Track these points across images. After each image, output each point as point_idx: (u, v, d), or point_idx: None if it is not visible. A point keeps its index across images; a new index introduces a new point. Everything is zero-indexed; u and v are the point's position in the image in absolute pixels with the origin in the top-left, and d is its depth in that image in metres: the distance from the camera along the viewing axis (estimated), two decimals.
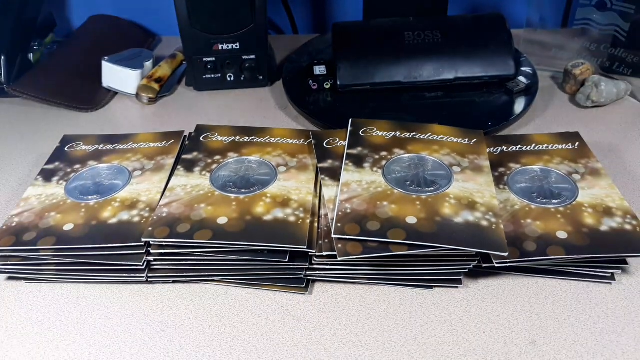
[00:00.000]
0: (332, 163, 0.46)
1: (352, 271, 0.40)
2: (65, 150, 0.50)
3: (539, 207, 0.42)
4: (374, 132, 0.49)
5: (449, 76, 0.59)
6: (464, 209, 0.40)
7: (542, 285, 0.40)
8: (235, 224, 0.40)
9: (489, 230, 0.38)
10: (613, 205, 0.41)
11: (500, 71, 0.59)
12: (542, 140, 0.49)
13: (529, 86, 0.60)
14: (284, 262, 0.39)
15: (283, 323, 0.38)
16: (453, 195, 0.41)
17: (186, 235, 0.39)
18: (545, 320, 0.37)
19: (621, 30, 0.62)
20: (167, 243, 0.39)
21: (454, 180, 0.43)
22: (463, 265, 0.39)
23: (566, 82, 0.63)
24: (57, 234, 0.40)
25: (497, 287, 0.40)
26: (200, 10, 0.59)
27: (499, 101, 0.58)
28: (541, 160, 0.47)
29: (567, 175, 0.45)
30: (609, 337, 0.36)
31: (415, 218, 0.39)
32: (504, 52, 0.60)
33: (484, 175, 0.44)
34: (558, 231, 0.39)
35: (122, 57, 0.66)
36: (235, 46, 0.63)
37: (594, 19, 0.63)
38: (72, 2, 0.82)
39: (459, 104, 0.58)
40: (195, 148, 0.49)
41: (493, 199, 0.41)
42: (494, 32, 0.60)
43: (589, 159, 0.47)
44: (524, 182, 0.44)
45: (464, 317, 0.38)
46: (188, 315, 0.39)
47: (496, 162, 0.47)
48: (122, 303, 0.40)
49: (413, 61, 0.59)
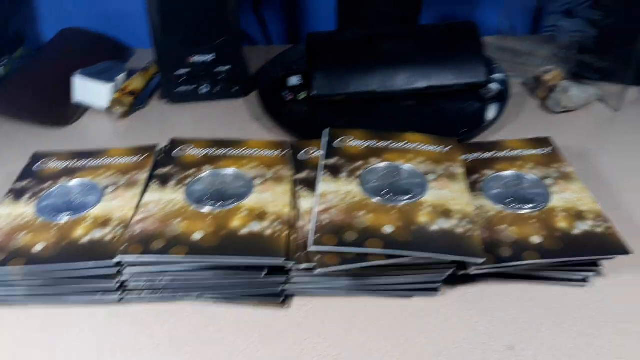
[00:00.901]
0: (308, 174, 0.46)
1: (331, 283, 0.39)
2: (35, 168, 0.49)
3: (513, 212, 0.42)
4: (350, 141, 0.49)
5: (422, 84, 0.59)
6: (440, 216, 0.40)
7: (519, 291, 0.40)
8: (210, 239, 0.39)
9: (464, 237, 0.39)
10: (585, 208, 0.42)
11: (472, 78, 0.60)
12: (515, 145, 0.50)
13: (501, 93, 0.61)
14: (261, 276, 0.38)
15: (262, 339, 0.38)
16: (428, 204, 0.42)
17: (161, 251, 0.38)
18: (523, 325, 0.38)
19: (589, 36, 0.63)
20: (141, 261, 0.39)
21: (429, 188, 0.43)
22: (440, 273, 0.39)
23: (537, 88, 0.64)
24: (28, 255, 0.39)
25: (474, 294, 0.40)
26: (173, 22, 0.59)
27: (472, 108, 0.59)
28: (514, 165, 0.47)
29: (539, 180, 0.45)
30: (585, 340, 0.37)
31: (392, 227, 0.39)
32: (476, 60, 0.60)
33: (458, 182, 0.44)
34: (532, 236, 0.40)
35: (94, 71, 0.65)
36: (209, 58, 0.62)
37: (562, 25, 0.65)
38: (42, 15, 0.81)
39: (433, 111, 0.59)
40: (169, 162, 0.48)
41: (468, 206, 0.41)
42: (465, 40, 0.61)
43: (561, 163, 0.47)
44: (497, 188, 0.45)
45: (442, 325, 0.38)
46: (164, 335, 0.38)
47: (470, 168, 0.47)
48: (95, 325, 0.39)
49: (387, 70, 0.59)
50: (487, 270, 0.38)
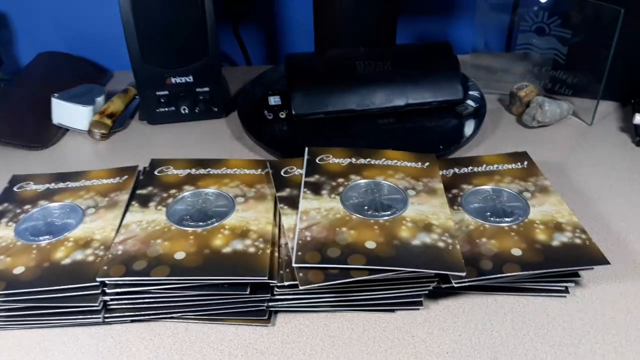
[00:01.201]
0: (290, 192, 0.46)
1: (315, 299, 0.39)
2: (14, 190, 0.49)
3: (493, 226, 0.43)
4: (330, 159, 0.49)
5: (400, 102, 0.60)
6: (421, 231, 0.41)
7: (501, 302, 0.41)
8: (193, 258, 0.39)
9: (446, 251, 0.39)
10: (563, 220, 0.43)
11: (448, 96, 0.61)
12: (492, 160, 0.51)
13: (477, 109, 0.62)
14: (245, 294, 0.38)
15: (246, 357, 0.37)
16: (409, 218, 0.42)
17: (143, 272, 0.38)
18: (506, 337, 0.38)
19: (560, 53, 0.65)
20: (124, 282, 0.38)
21: (410, 203, 0.44)
22: (423, 287, 0.39)
23: (512, 104, 0.66)
24: (7, 279, 0.39)
25: (457, 307, 0.40)
26: (151, 44, 0.59)
27: (449, 125, 0.60)
28: (492, 180, 0.48)
29: (518, 194, 0.46)
30: (567, 350, 0.37)
31: (374, 243, 0.40)
32: (452, 78, 0.62)
33: (438, 197, 0.45)
34: (512, 248, 0.40)
35: (73, 94, 0.65)
36: (188, 79, 0.63)
37: (534, 43, 0.66)
38: (19, 39, 0.81)
39: (411, 129, 0.60)
40: (150, 183, 0.48)
41: (448, 220, 0.42)
42: (441, 58, 0.62)
43: (538, 177, 0.48)
44: (477, 202, 0.46)
45: (426, 339, 0.38)
46: (148, 355, 0.38)
47: (449, 184, 0.48)
48: (78, 346, 0.38)
49: (365, 89, 0.60)
50: (469, 283, 0.39)
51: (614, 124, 0.64)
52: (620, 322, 0.39)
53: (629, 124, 0.63)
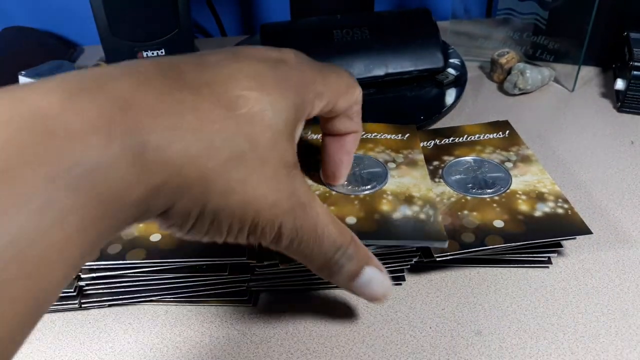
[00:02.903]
0: None
1: (296, 277, 0.39)
2: None
3: (475, 197, 0.42)
4: (309, 135, 0.48)
5: (380, 72, 0.59)
6: (402, 204, 0.40)
7: (484, 275, 0.40)
8: (169, 240, 0.38)
9: (427, 222, 0.38)
10: (545, 190, 0.42)
11: (429, 64, 0.60)
12: (474, 130, 0.50)
13: (458, 77, 0.61)
14: (224, 275, 0.37)
15: (228, 338, 0.37)
16: (390, 192, 0.41)
17: (118, 256, 0.37)
18: (489, 310, 0.38)
19: (541, 18, 0.64)
20: (98, 266, 0.37)
21: (390, 176, 0.43)
22: (404, 262, 0.39)
23: (493, 71, 0.65)
24: None
25: (439, 281, 0.40)
26: (120, 17, 0.57)
27: (430, 94, 0.59)
28: (474, 150, 0.47)
29: (499, 164, 0.46)
30: (549, 320, 0.37)
31: (354, 218, 0.39)
32: (432, 45, 0.60)
33: (418, 168, 0.44)
34: (495, 220, 0.40)
35: (41, 71, 0.62)
36: (160, 52, 0.61)
37: (515, 8, 0.65)
38: None
39: (391, 99, 0.59)
40: None
41: (429, 191, 0.41)
42: (420, 26, 0.61)
43: (520, 146, 0.48)
44: (458, 174, 0.45)
45: (409, 313, 0.38)
46: (127, 340, 0.37)
47: (430, 155, 0.47)
48: (55, 333, 0.37)
49: (343, 59, 0.59)
50: (452, 256, 0.38)
51: (596, 89, 0.63)
52: (602, 290, 0.39)
53: (610, 89, 0.63)
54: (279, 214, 0.27)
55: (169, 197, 0.23)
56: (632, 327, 0.36)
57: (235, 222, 0.26)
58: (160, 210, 0.24)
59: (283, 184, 0.27)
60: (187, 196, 0.24)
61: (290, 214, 0.28)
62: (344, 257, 0.31)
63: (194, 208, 0.25)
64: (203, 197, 0.24)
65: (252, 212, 0.26)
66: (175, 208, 0.24)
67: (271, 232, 0.27)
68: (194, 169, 0.23)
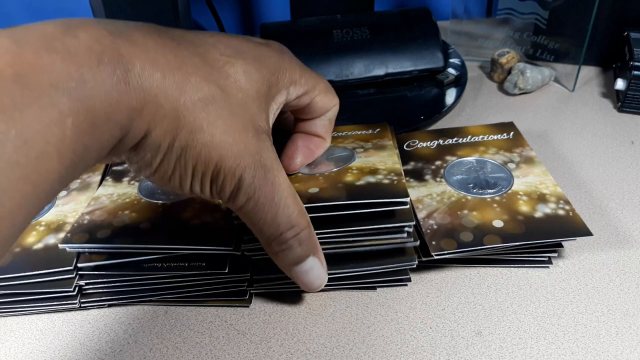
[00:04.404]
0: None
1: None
2: None
3: (475, 197, 0.42)
4: None
5: (380, 72, 0.59)
6: (366, 175, 0.40)
7: (484, 275, 0.40)
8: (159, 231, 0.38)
9: (390, 185, 0.38)
10: (547, 191, 0.42)
11: (429, 64, 0.60)
12: (479, 131, 0.50)
13: (458, 77, 0.61)
14: (224, 274, 0.37)
15: (228, 339, 0.37)
16: (355, 167, 0.41)
17: (107, 240, 0.37)
18: (489, 310, 0.38)
19: (541, 18, 0.64)
20: (85, 249, 0.37)
21: (357, 157, 0.43)
22: (408, 262, 0.39)
23: (493, 71, 0.65)
24: None
25: (439, 281, 0.40)
26: (120, 17, 0.57)
27: (430, 94, 0.59)
28: (477, 151, 0.47)
29: (502, 165, 0.45)
30: (550, 320, 0.37)
31: (317, 188, 0.38)
32: (432, 45, 0.60)
33: (387, 150, 0.43)
34: (494, 220, 0.40)
35: None
36: None
37: (515, 8, 0.65)
38: None
39: (391, 99, 0.58)
40: None
41: (395, 164, 0.41)
42: (420, 25, 0.61)
43: (523, 147, 0.48)
44: (460, 174, 0.45)
45: (409, 314, 0.38)
46: (127, 340, 0.37)
47: (433, 155, 0.47)
48: (55, 333, 0.37)
49: (343, 59, 0.59)
50: (448, 255, 0.38)
51: (596, 89, 0.63)
52: (602, 290, 0.39)
53: (610, 89, 0.63)
54: (241, 165, 0.29)
55: (145, 123, 0.26)
56: (632, 327, 0.36)
57: (200, 164, 0.28)
58: (137, 138, 0.27)
59: (250, 141, 0.29)
60: (160, 126, 0.27)
61: (251, 170, 0.29)
62: (295, 239, 0.32)
63: (164, 141, 0.27)
64: (173, 130, 0.27)
65: (216, 156, 0.28)
66: (148, 139, 0.27)
67: (231, 183, 0.29)
68: (167, 100, 0.26)
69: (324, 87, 0.37)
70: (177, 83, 0.27)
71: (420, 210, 0.41)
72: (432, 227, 0.40)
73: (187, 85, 0.27)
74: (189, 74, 0.27)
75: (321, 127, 0.40)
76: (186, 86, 0.27)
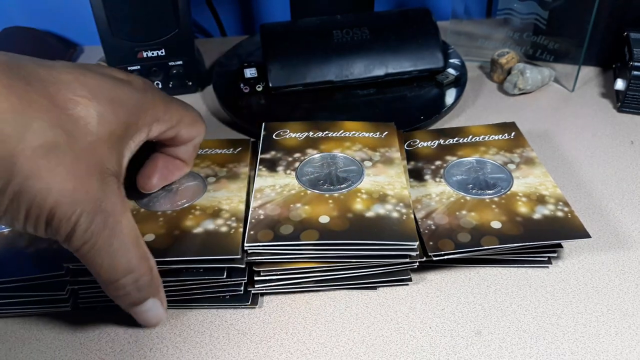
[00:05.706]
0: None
1: (298, 279, 0.39)
2: None
3: (474, 198, 0.42)
4: (287, 134, 0.48)
5: (380, 72, 0.59)
6: (375, 202, 0.40)
7: (483, 275, 0.40)
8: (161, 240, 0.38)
9: (399, 221, 0.38)
10: (546, 193, 0.42)
11: (429, 64, 0.60)
12: (480, 131, 0.50)
13: (458, 77, 0.61)
14: (222, 279, 0.37)
15: (228, 339, 0.37)
16: (364, 190, 0.41)
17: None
18: (489, 310, 0.38)
19: (541, 18, 0.64)
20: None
21: (365, 175, 0.43)
22: (409, 263, 0.39)
23: (493, 71, 0.65)
24: None
25: (439, 281, 0.40)
26: (120, 17, 0.57)
27: (430, 94, 0.59)
28: (477, 151, 0.47)
29: (502, 165, 0.45)
30: (549, 320, 0.37)
31: (327, 217, 0.39)
32: (432, 45, 0.60)
33: (394, 166, 0.44)
34: (492, 221, 0.40)
35: None
36: (160, 52, 0.60)
37: (515, 8, 0.65)
38: None
39: (391, 99, 0.59)
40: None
41: (404, 189, 0.41)
42: (420, 25, 0.61)
43: (524, 148, 0.48)
44: (459, 174, 0.45)
45: (409, 314, 0.38)
46: (127, 340, 0.37)
47: (433, 155, 0.47)
48: (54, 334, 0.37)
49: (343, 59, 0.59)
50: (446, 256, 0.38)
51: (596, 89, 0.63)
52: (602, 290, 0.39)
53: (610, 89, 0.63)
54: (78, 212, 0.28)
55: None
56: (631, 327, 0.36)
57: (34, 207, 0.28)
58: None
59: (92, 187, 0.29)
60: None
61: (89, 216, 0.29)
62: (133, 285, 0.32)
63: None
64: (8, 175, 0.27)
65: (52, 202, 0.28)
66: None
67: (66, 227, 0.29)
68: (3, 146, 0.26)
69: (190, 120, 0.37)
70: (17, 128, 0.26)
71: (419, 211, 0.42)
72: (430, 228, 0.40)
73: (27, 132, 0.27)
74: (32, 118, 0.27)
75: (184, 153, 0.40)
76: (26, 132, 0.27)
